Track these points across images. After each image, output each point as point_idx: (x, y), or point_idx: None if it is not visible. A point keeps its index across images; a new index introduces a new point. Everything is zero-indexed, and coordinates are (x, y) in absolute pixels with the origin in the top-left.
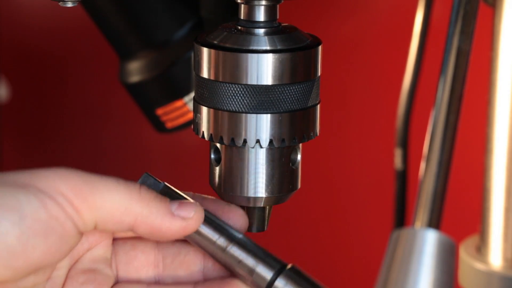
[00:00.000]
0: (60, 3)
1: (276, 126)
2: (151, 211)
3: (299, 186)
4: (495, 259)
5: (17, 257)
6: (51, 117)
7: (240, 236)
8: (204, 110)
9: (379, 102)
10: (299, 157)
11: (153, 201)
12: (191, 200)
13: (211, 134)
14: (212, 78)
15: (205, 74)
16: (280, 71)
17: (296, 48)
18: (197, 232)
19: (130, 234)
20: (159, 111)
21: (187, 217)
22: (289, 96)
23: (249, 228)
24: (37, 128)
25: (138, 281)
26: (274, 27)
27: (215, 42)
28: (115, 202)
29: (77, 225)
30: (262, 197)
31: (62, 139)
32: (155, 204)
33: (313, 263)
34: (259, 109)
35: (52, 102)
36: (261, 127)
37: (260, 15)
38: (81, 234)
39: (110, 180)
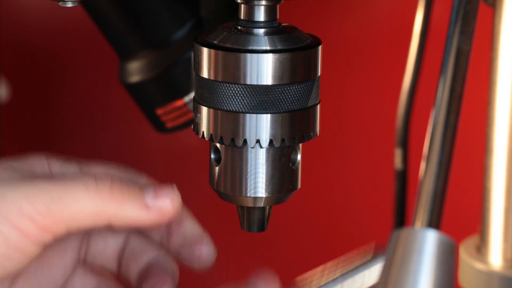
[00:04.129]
0: (60, 3)
1: (276, 126)
2: (124, 209)
3: (299, 186)
4: (495, 259)
5: None
6: (51, 117)
7: None
8: (204, 110)
9: (379, 102)
10: (299, 157)
11: (126, 197)
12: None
13: (211, 134)
14: (212, 78)
15: (205, 74)
16: (280, 71)
17: (296, 48)
18: None
19: None
20: (159, 111)
21: (163, 207)
22: (289, 96)
23: (249, 228)
24: (37, 128)
25: None
26: (274, 27)
27: (215, 42)
28: (85, 209)
29: (39, 242)
30: (262, 197)
31: (62, 139)
32: (128, 200)
33: (313, 263)
34: (259, 109)
35: (52, 102)
36: (261, 127)
37: (260, 15)
38: (45, 244)
39: (78, 187)
